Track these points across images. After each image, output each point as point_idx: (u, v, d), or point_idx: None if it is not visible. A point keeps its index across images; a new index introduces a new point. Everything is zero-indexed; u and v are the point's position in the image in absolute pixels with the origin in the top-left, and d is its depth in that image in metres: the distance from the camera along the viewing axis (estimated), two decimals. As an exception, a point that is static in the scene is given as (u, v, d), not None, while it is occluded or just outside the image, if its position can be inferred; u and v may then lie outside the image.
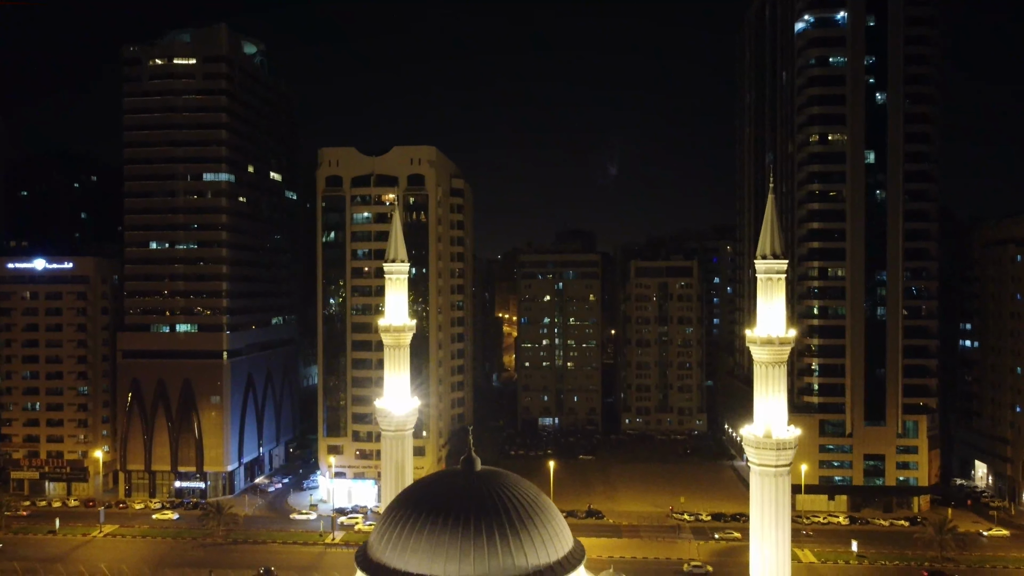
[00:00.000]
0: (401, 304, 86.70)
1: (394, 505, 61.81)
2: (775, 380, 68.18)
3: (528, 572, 56.01)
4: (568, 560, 59.24)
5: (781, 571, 68.48)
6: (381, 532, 59.82)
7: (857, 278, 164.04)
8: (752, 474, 69.71)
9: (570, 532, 61.71)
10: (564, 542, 59.97)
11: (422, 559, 56.25)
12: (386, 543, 58.62)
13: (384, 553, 58.27)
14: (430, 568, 55.62)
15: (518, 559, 56.22)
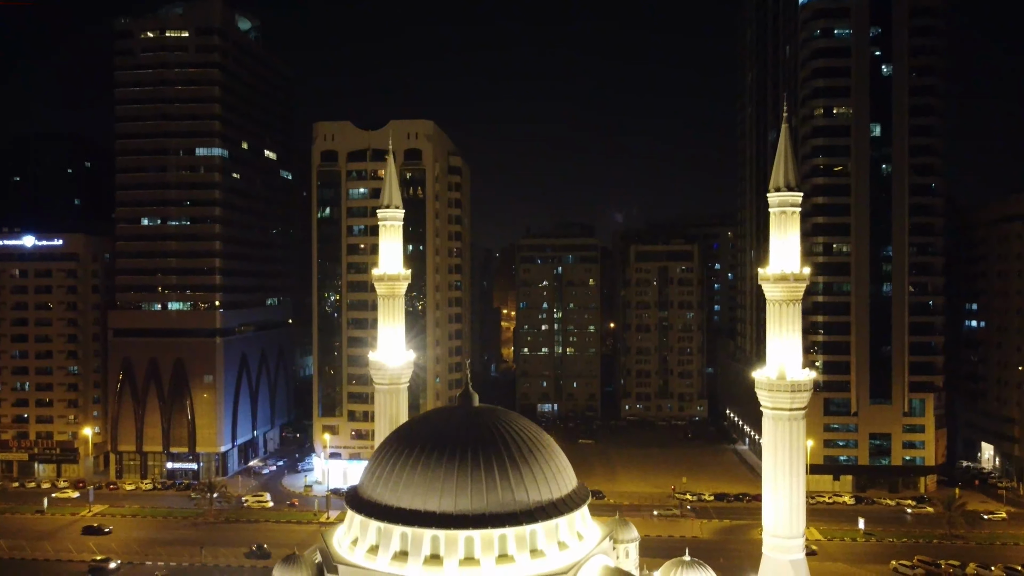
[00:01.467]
0: (395, 253, 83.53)
1: (386, 442, 58.59)
2: (789, 319, 64.97)
3: (529, 508, 52.74)
4: (572, 498, 55.98)
5: (796, 519, 65.21)
6: (372, 469, 56.60)
7: (862, 254, 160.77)
8: (765, 420, 66.46)
9: (574, 473, 58.41)
10: (567, 481, 56.75)
11: (416, 494, 53.02)
12: (377, 480, 55.35)
13: (375, 490, 55.01)
14: (424, 503, 52.38)
15: (518, 494, 52.99)
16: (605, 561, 57.72)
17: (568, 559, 54.59)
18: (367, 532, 55.78)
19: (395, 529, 53.75)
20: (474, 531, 52.20)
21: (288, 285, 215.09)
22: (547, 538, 54.32)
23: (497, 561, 52.85)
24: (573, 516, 56.51)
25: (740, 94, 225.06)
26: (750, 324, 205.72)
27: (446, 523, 52.26)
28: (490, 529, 52.25)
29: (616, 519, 65.65)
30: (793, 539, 65.82)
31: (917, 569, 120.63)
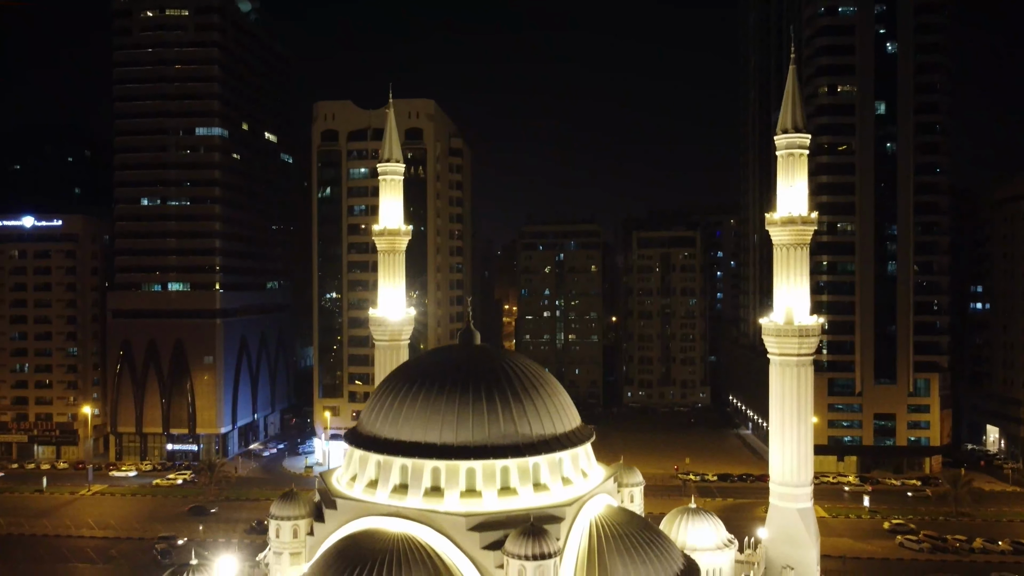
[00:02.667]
0: (396, 208, 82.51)
1: (387, 380, 57.44)
2: (797, 263, 63.73)
3: (532, 441, 51.57)
4: (575, 435, 54.80)
5: (803, 467, 63.98)
6: (371, 406, 55.41)
7: (867, 233, 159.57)
8: (772, 367, 65.17)
9: (577, 412, 57.22)
10: (571, 418, 55.56)
11: (416, 427, 51.84)
12: (376, 415, 54.16)
13: (374, 425, 53.82)
14: (425, 435, 51.21)
15: (521, 427, 51.77)
16: (609, 501, 56.56)
17: (571, 494, 53.41)
18: (366, 467, 54.65)
19: (395, 462, 52.61)
20: (475, 461, 51.05)
21: (288, 269, 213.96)
22: (550, 472, 53.15)
23: (499, 493, 51.70)
24: (576, 452, 55.33)
25: (743, 80, 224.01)
26: (753, 310, 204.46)
27: (447, 454, 51.14)
28: (492, 460, 51.08)
29: (620, 463, 64.50)
30: (800, 487, 64.60)
31: (923, 544, 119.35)
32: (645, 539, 52.57)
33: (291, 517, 55.96)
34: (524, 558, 45.91)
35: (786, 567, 63.83)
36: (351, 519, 52.83)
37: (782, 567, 64.06)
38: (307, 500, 57.57)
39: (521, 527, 47.42)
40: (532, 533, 46.82)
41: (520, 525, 47.84)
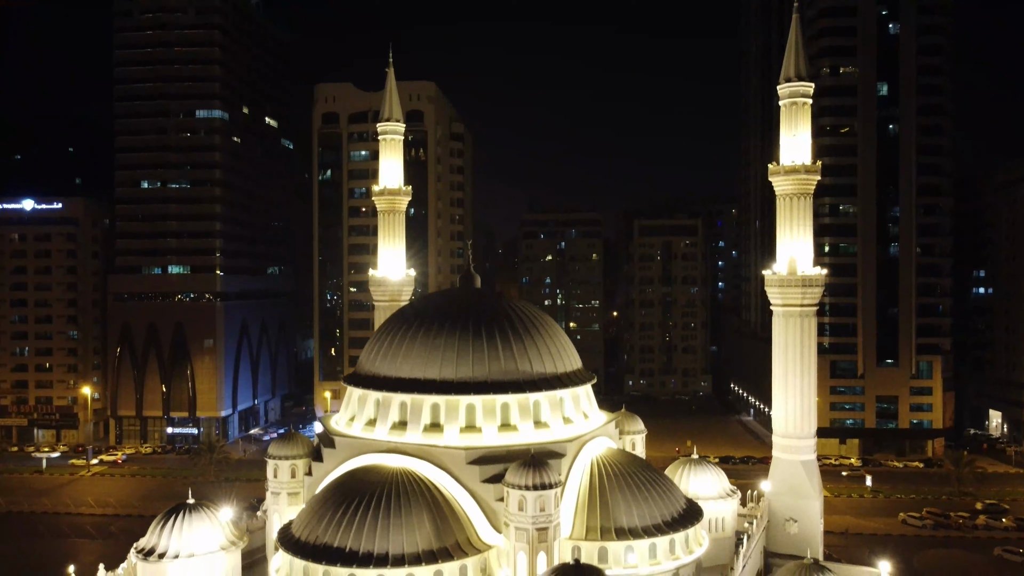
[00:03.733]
0: (396, 168, 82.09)
1: (386, 323, 56.96)
2: (800, 213, 63.27)
3: (533, 378, 51.03)
4: (576, 375, 54.28)
5: (807, 419, 63.45)
6: (370, 347, 54.96)
7: (868, 215, 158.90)
8: (775, 319, 64.68)
9: (578, 356, 56.72)
10: (572, 359, 55.07)
11: (415, 364, 51.36)
12: (375, 355, 53.70)
13: (374, 364, 53.37)
14: (424, 372, 50.71)
15: (521, 364, 51.27)
16: (610, 444, 56.03)
17: (572, 432, 52.92)
18: (365, 406, 54.16)
19: (394, 398, 52.11)
20: (475, 397, 50.55)
21: (289, 256, 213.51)
22: (551, 410, 52.64)
23: (499, 430, 51.19)
24: (577, 392, 54.83)
25: (744, 66, 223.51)
26: (755, 296, 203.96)
27: (446, 389, 50.64)
28: (492, 395, 50.58)
29: (623, 411, 64.00)
30: (804, 439, 64.08)
31: (926, 520, 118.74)
32: (648, 479, 52.09)
33: (289, 456, 55.46)
34: (524, 488, 45.39)
35: (789, 519, 63.34)
36: (350, 457, 52.37)
37: (785, 519, 63.58)
38: (306, 441, 57.14)
39: (522, 459, 46.91)
40: (533, 464, 46.31)
41: (520, 459, 47.30)
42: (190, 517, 50.35)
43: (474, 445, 50.00)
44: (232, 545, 50.66)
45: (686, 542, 51.21)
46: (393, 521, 45.84)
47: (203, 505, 51.25)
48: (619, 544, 47.97)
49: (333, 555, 45.48)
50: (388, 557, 44.88)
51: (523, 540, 45.54)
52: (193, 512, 50.75)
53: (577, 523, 49.51)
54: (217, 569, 49.26)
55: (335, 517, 46.83)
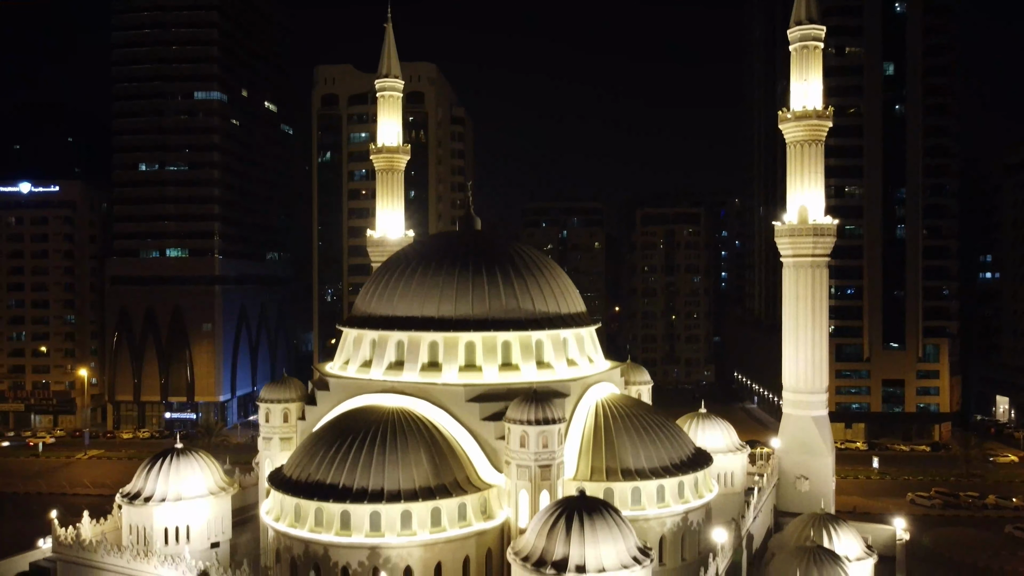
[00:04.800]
0: (394, 126, 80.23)
1: (383, 265, 54.96)
2: (812, 160, 61.24)
3: (535, 316, 49.03)
4: (580, 317, 52.25)
5: (818, 374, 61.43)
6: (366, 289, 53.04)
7: (874, 196, 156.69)
8: (786, 270, 62.64)
9: (583, 301, 54.72)
10: (575, 302, 53.07)
11: (413, 302, 49.38)
12: (371, 296, 51.77)
13: (370, 305, 51.42)
14: (422, 310, 48.72)
15: (523, 302, 49.27)
16: (615, 391, 53.99)
17: (575, 374, 50.92)
18: (360, 347, 52.19)
19: (390, 338, 50.12)
20: (475, 334, 48.57)
21: (289, 242, 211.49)
22: (554, 351, 50.65)
23: (500, 369, 49.22)
24: (581, 334, 52.84)
25: (747, 52, 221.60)
26: (759, 284, 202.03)
27: (445, 327, 48.67)
28: (493, 332, 48.60)
29: (628, 362, 62.03)
30: (815, 394, 62.05)
31: (935, 500, 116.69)
32: (655, 422, 50.12)
33: (281, 400, 53.47)
34: (527, 423, 43.40)
35: (800, 477, 61.31)
36: (345, 399, 50.40)
37: (796, 477, 61.56)
38: (299, 385, 55.21)
39: (524, 394, 44.94)
40: (536, 399, 44.33)
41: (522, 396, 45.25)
42: (178, 461, 48.49)
43: (474, 383, 48.04)
44: (222, 491, 48.75)
45: (695, 486, 49.23)
46: (389, 458, 43.91)
47: (192, 450, 49.33)
48: (625, 485, 46.00)
49: (326, 492, 43.56)
50: (383, 493, 42.96)
51: (525, 478, 43.54)
52: (181, 456, 48.86)
53: (581, 464, 47.53)
54: (206, 514, 47.30)
55: (328, 455, 44.92)
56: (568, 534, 37.47)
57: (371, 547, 42.31)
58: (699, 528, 48.09)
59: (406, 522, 43.12)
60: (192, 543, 47.17)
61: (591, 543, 37.12)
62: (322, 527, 43.62)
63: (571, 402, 48.51)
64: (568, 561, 36.94)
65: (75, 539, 49.18)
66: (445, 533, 43.36)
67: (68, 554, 48.85)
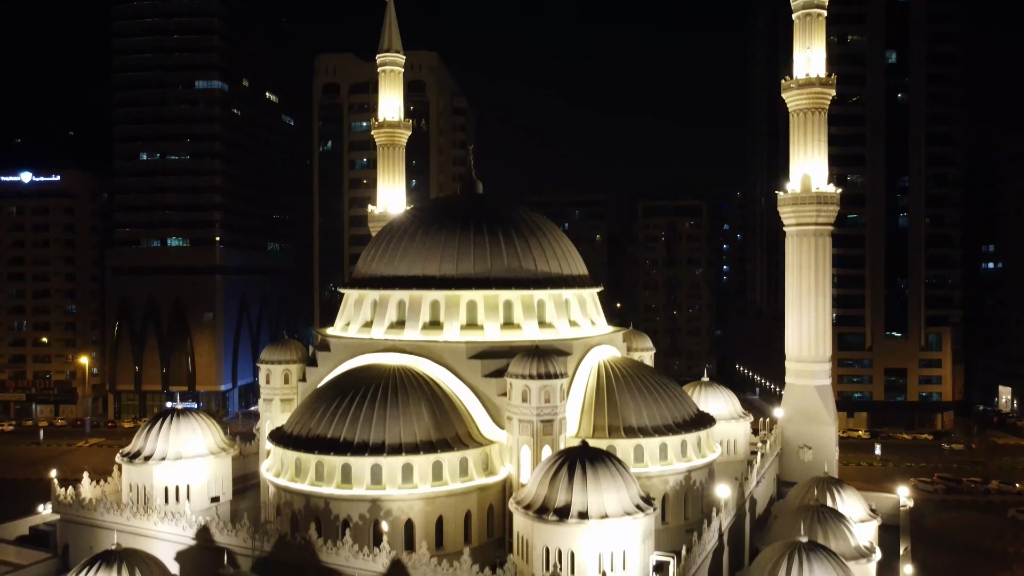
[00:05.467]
0: (395, 101, 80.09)
1: (383, 230, 54.70)
2: (815, 129, 60.95)
3: (537, 276, 48.76)
4: (583, 279, 51.96)
5: (821, 343, 61.12)
6: (367, 252, 52.80)
7: (877, 185, 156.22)
8: (789, 240, 62.38)
9: (584, 265, 54.45)
10: (577, 264, 52.81)
11: (414, 262, 49.13)
12: (372, 258, 51.55)
13: (370, 267, 51.18)
14: (424, 269, 48.45)
15: (525, 262, 49.02)
16: (617, 354, 53.67)
17: (577, 334, 50.60)
18: (361, 309, 51.90)
19: (391, 297, 49.82)
20: (476, 292, 48.28)
21: (290, 233, 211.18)
22: (556, 311, 50.35)
23: (502, 328, 48.92)
24: (583, 295, 52.53)
25: (750, 42, 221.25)
26: (760, 276, 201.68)
27: (446, 285, 48.37)
28: (494, 291, 48.32)
29: (631, 329, 61.75)
30: (818, 363, 61.78)
31: (938, 486, 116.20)
32: (658, 383, 49.85)
33: (282, 361, 53.19)
34: (529, 377, 43.10)
35: (803, 446, 61.03)
36: (346, 359, 50.11)
37: (799, 446, 61.28)
38: (300, 347, 54.96)
39: (526, 350, 44.65)
40: (538, 354, 44.06)
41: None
42: (178, 422, 48.23)
43: (476, 340, 47.77)
44: (222, 451, 48.51)
45: (698, 445, 48.93)
46: (390, 413, 43.62)
47: (192, 412, 49.07)
48: (628, 442, 45.67)
49: (327, 445, 43.30)
50: (384, 446, 42.69)
51: (527, 433, 43.27)
52: (181, 417, 48.62)
53: (584, 422, 47.23)
54: (206, 473, 47.03)
55: (329, 411, 44.66)
56: (571, 482, 37.19)
57: (372, 499, 42.02)
58: (702, 488, 47.81)
59: (407, 475, 42.85)
60: (192, 502, 46.91)
61: (593, 490, 36.84)
62: (323, 481, 43.33)
63: (573, 361, 48.23)
64: (571, 508, 36.64)
65: (75, 498, 48.93)
66: (446, 487, 43.08)
67: (68, 513, 48.60)
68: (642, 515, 37.47)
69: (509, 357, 45.13)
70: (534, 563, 37.22)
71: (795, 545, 38.81)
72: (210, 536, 41.90)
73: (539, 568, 36.59)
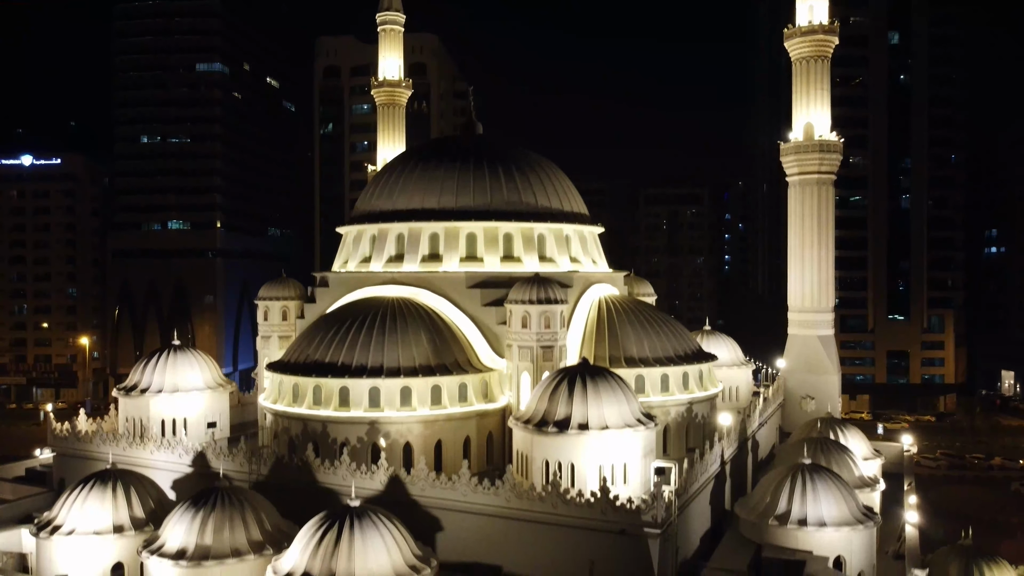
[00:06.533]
0: (395, 61, 79.79)
1: (382, 170, 54.30)
2: (817, 76, 60.52)
3: (537, 210, 48.35)
4: (584, 217, 51.58)
5: (824, 293, 60.68)
6: (366, 192, 52.58)
7: (879, 166, 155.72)
8: (792, 189, 61.96)
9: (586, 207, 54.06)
10: (579, 203, 52.39)
11: (413, 195, 48.76)
12: (371, 195, 51.22)
13: (369, 203, 50.85)
14: (423, 202, 48.07)
15: (526, 196, 48.65)
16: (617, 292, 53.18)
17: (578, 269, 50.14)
18: (360, 245, 51.44)
19: (390, 231, 49.38)
20: (476, 223, 47.84)
21: (291, 219, 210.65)
22: (556, 246, 49.92)
23: (502, 261, 48.48)
24: (584, 232, 52.11)
25: (752, 28, 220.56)
26: (762, 264, 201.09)
27: (446, 216, 47.95)
28: (494, 222, 47.88)
29: (632, 274, 61.35)
30: (821, 313, 61.32)
31: (940, 462, 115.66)
32: (659, 318, 49.47)
33: (280, 297, 52.81)
34: (529, 302, 42.67)
35: (806, 397, 60.58)
36: (344, 294, 49.70)
37: (801, 397, 60.82)
38: (298, 285, 54.57)
39: (526, 278, 44.18)
40: (538, 280, 43.65)
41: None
42: (175, 357, 47.93)
43: (475, 270, 47.35)
44: (219, 387, 48.13)
45: (700, 379, 48.48)
46: (389, 339, 43.19)
47: (189, 348, 48.69)
48: (629, 371, 45.16)
49: (324, 369, 42.86)
50: (383, 369, 42.25)
51: (527, 359, 42.85)
52: (179, 352, 48.30)
53: (584, 352, 46.69)
54: (203, 407, 46.63)
55: (327, 338, 44.25)
56: (571, 395, 36.77)
57: (370, 421, 41.59)
58: (704, 422, 47.37)
59: (406, 398, 42.41)
60: (189, 434, 46.53)
61: (594, 403, 36.40)
62: (321, 404, 42.90)
63: (573, 294, 47.78)
64: (571, 420, 36.21)
65: (71, 431, 48.55)
66: (445, 410, 42.64)
67: (64, 447, 48.26)
68: (643, 428, 37.03)
69: (509, 287, 44.72)
70: (533, 476, 36.81)
71: (799, 467, 38.37)
72: (206, 463, 41.51)
73: (539, 481, 36.17)
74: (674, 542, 33.70)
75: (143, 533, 35.99)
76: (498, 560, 35.08)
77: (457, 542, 35.85)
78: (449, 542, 35.96)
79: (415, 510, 36.04)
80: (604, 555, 32.77)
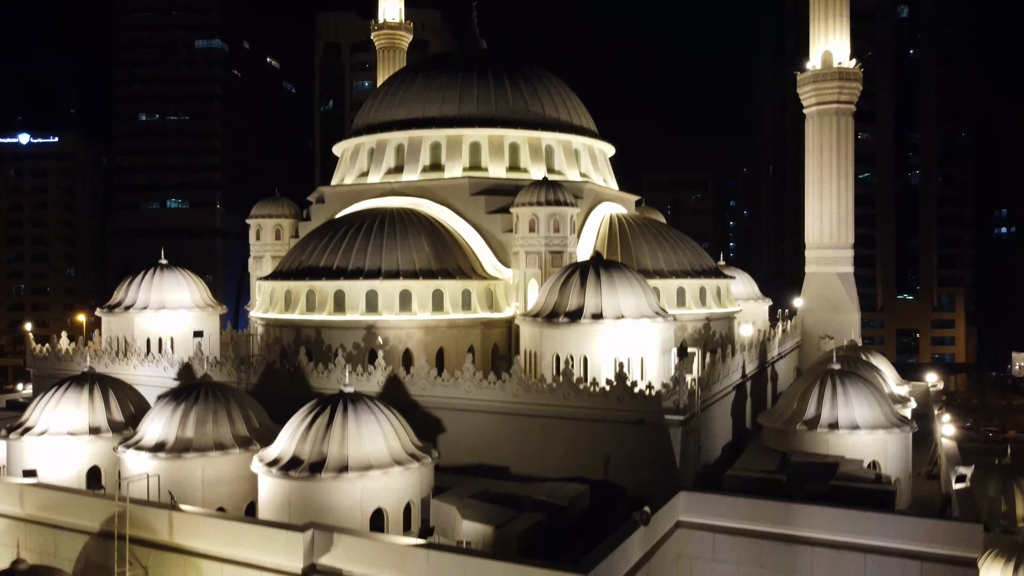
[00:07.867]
0: (396, 3, 77.16)
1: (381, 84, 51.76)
2: (836, 2, 57.94)
3: (545, 120, 45.74)
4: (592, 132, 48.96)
5: (844, 228, 58.08)
6: (366, 105, 49.96)
7: (887, 142, 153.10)
8: (809, 120, 59.46)
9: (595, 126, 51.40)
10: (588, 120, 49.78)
11: (414, 105, 46.18)
12: (369, 109, 48.76)
13: (367, 117, 48.29)
14: (423, 111, 45.47)
15: (532, 106, 46.05)
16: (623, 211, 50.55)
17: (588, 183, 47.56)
18: (357, 159, 48.88)
19: (389, 141, 46.81)
20: (480, 130, 45.24)
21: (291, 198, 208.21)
22: (565, 159, 47.30)
23: (507, 171, 45.89)
24: (593, 147, 49.46)
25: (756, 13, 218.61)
26: (766, 251, 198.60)
27: (448, 124, 45.38)
28: (500, 129, 45.29)
29: (643, 203, 58.80)
30: (840, 249, 58.79)
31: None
32: (674, 234, 46.92)
33: (273, 215, 50.34)
34: (537, 204, 40.09)
35: (824, 336, 57.89)
36: (341, 208, 47.12)
37: (820, 336, 58.16)
38: (292, 204, 52.10)
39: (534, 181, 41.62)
40: (547, 183, 41.06)
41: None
42: (162, 274, 45.40)
43: (480, 176, 44.77)
44: (209, 307, 45.57)
45: (717, 295, 45.87)
46: (387, 243, 40.60)
47: (178, 267, 46.16)
48: (643, 283, 42.48)
49: (318, 272, 40.31)
50: (381, 271, 39.66)
51: (534, 265, 40.25)
52: (166, 271, 45.79)
53: (595, 264, 44.01)
54: (190, 326, 44.04)
55: (321, 244, 41.70)
56: (583, 286, 34.19)
57: (367, 326, 39.02)
58: (722, 340, 44.72)
59: (405, 302, 39.77)
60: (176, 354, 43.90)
61: (608, 293, 33.84)
62: (314, 310, 40.33)
63: (584, 205, 45.18)
64: (584, 309, 33.61)
65: (50, 351, 46.04)
66: (448, 316, 40.01)
67: (43, 368, 45.79)
68: (661, 320, 34.44)
69: (515, 195, 42.13)
70: (543, 372, 34.17)
71: (828, 371, 35.77)
72: (193, 376, 38.96)
73: (548, 375, 33.54)
74: (696, 438, 31.11)
75: (122, 437, 33.48)
76: (504, 461, 32.51)
77: (460, 444, 33.30)
78: (452, 444, 33.40)
79: (415, 411, 33.46)
80: (620, 449, 30.23)
